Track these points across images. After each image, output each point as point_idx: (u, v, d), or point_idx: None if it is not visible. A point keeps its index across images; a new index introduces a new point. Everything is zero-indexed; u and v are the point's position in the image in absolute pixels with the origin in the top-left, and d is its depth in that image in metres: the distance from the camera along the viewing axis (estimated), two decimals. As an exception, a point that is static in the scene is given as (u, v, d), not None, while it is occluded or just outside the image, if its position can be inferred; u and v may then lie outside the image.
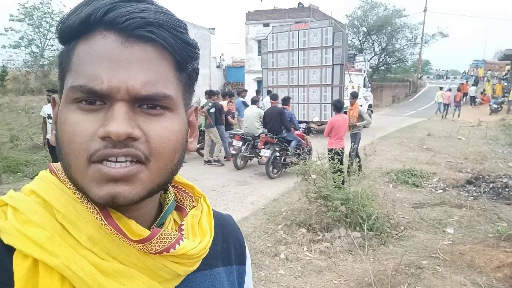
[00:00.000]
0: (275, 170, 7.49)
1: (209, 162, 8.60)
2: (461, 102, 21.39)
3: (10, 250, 0.45)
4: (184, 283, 0.55)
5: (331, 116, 7.99)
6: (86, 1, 0.47)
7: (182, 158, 0.53)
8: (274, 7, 27.73)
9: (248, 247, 4.06)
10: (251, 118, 7.99)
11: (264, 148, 7.41)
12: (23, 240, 0.45)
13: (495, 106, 21.43)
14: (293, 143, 7.39)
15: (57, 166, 0.53)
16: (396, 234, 4.56)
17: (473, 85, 26.98)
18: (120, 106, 0.45)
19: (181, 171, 0.55)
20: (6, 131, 10.56)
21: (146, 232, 0.49)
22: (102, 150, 0.44)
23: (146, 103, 0.47)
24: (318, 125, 14.01)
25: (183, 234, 0.54)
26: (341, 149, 6.09)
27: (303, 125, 8.74)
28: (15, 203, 0.48)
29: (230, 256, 0.66)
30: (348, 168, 5.57)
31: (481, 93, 25.43)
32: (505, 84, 26.56)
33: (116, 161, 0.45)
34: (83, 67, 0.45)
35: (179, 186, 0.63)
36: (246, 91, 12.50)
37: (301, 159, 5.21)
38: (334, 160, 5.18)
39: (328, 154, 5.64)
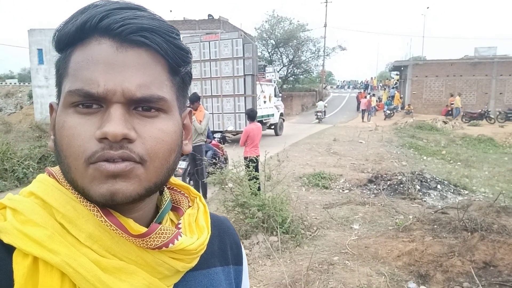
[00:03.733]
0: (191, 182, 7.38)
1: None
2: (372, 108, 23.91)
3: (9, 249, 0.46)
4: (183, 281, 0.56)
5: (246, 125, 8.16)
6: (82, 10, 0.49)
7: (178, 159, 0.54)
8: (184, 18, 27.56)
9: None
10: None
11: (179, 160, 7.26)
12: (23, 239, 0.45)
13: (388, 112, 24.14)
14: (209, 153, 7.37)
15: (55, 169, 0.54)
16: (310, 235, 4.81)
17: (368, 93, 29.89)
18: (116, 108, 0.46)
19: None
20: None
21: (145, 229, 0.50)
22: (99, 152, 0.46)
23: (141, 106, 0.48)
24: (234, 135, 14.20)
25: (180, 231, 0.55)
26: (256, 156, 6.25)
27: (218, 135, 8.79)
28: (14, 204, 0.49)
29: (227, 256, 0.67)
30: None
31: (376, 100, 28.27)
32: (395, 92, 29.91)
33: (113, 162, 0.46)
34: (79, 72, 0.47)
35: (174, 188, 0.65)
36: None
37: (217, 168, 5.22)
38: (249, 167, 5.28)
39: (244, 162, 5.74)
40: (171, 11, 58.07)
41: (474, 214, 4.77)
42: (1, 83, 36.42)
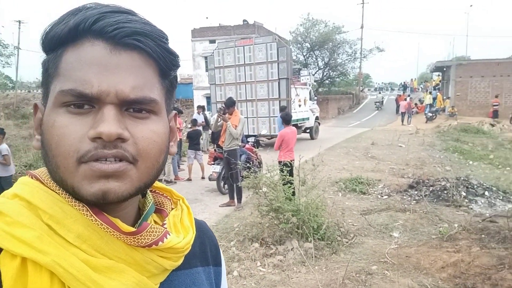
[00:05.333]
0: (226, 186, 7.39)
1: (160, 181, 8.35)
2: (412, 110, 23.07)
3: None
4: (167, 280, 0.58)
5: (280, 129, 8.04)
6: (73, 12, 0.50)
7: (166, 160, 0.55)
8: (219, 24, 27.96)
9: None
10: None
11: (214, 164, 7.30)
12: (11, 241, 0.45)
13: (430, 114, 23.10)
14: (243, 157, 7.35)
15: (38, 172, 0.54)
16: (347, 242, 4.64)
17: (408, 95, 28.79)
18: (110, 109, 0.47)
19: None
20: None
21: (134, 229, 0.51)
22: (93, 151, 0.46)
23: (133, 107, 0.50)
24: (268, 139, 14.16)
25: (167, 230, 0.56)
26: (291, 161, 6.15)
27: (252, 139, 8.78)
28: None
29: (207, 257, 0.69)
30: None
31: (415, 104, 27.11)
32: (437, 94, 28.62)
33: (106, 161, 0.47)
34: (72, 72, 0.48)
35: (156, 191, 0.66)
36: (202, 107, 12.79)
37: (251, 172, 5.17)
38: (283, 172, 5.19)
39: (278, 166, 5.66)
40: (207, 17, 59.40)
41: (527, 223, 4.41)
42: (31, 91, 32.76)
